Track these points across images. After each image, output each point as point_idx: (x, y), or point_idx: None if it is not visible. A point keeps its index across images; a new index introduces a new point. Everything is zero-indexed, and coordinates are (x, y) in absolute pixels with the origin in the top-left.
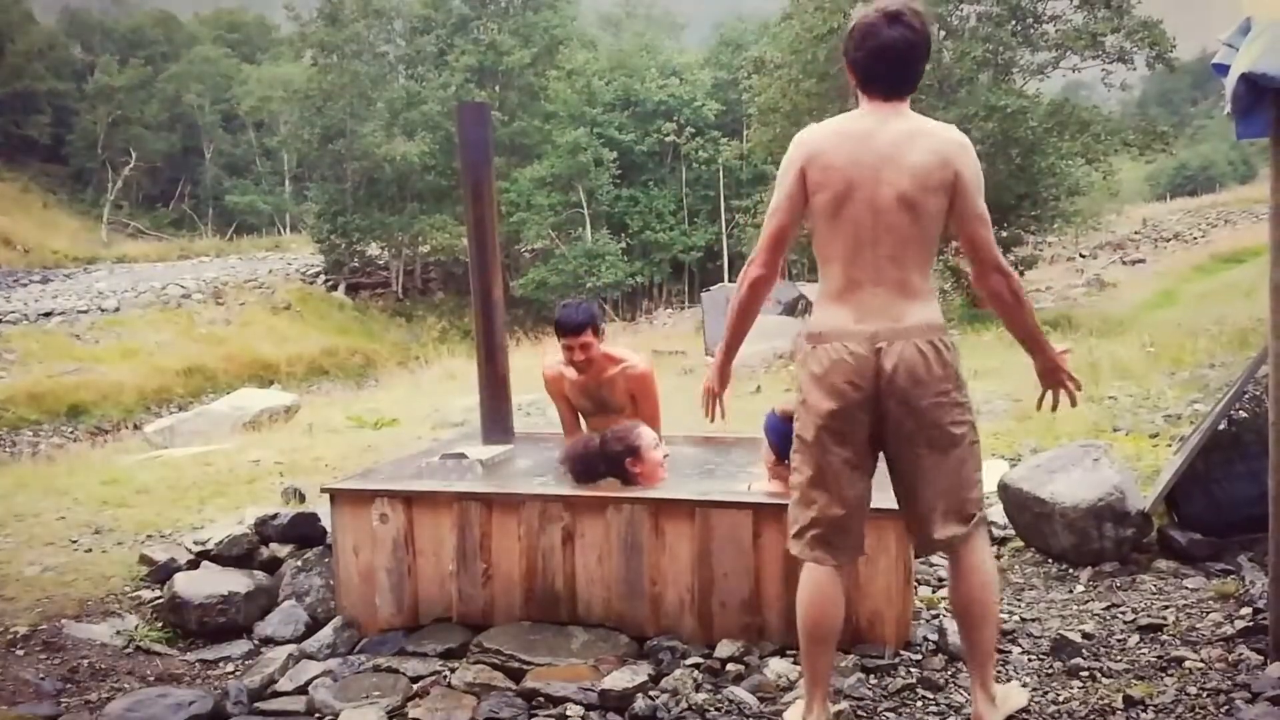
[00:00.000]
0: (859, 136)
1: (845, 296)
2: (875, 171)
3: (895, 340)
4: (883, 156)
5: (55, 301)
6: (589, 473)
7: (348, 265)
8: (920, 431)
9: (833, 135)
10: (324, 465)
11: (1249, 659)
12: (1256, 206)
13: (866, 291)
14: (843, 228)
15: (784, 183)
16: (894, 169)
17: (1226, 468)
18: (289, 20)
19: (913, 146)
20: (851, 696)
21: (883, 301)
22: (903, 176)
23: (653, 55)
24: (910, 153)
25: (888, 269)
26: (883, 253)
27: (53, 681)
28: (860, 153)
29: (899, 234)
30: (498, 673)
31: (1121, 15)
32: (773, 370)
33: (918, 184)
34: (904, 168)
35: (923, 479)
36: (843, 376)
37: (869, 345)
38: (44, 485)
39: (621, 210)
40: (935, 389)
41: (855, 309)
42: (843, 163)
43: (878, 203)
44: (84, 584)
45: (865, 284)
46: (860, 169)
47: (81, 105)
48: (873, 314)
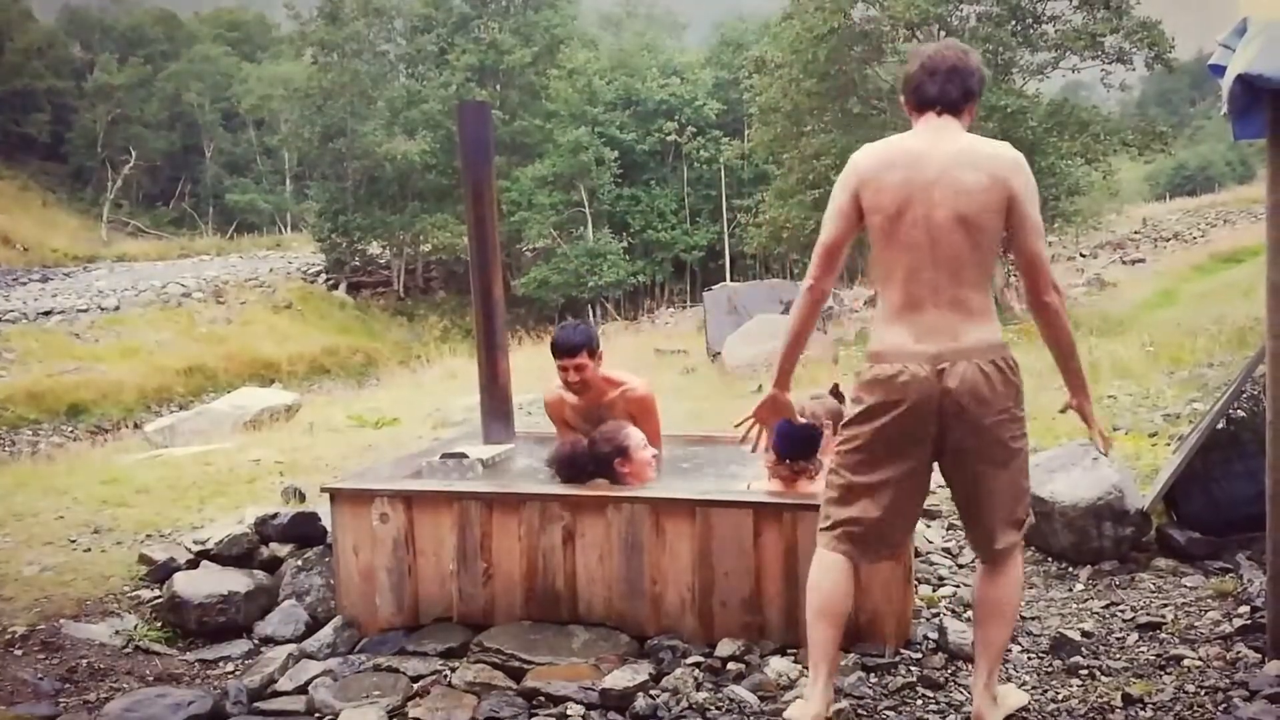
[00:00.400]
0: (912, 157)
1: (905, 316)
2: (928, 193)
3: (958, 360)
4: (936, 177)
5: (55, 300)
6: (577, 473)
7: (349, 264)
8: (982, 449)
9: (886, 156)
10: (324, 465)
11: (1247, 657)
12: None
13: (927, 311)
14: (900, 248)
15: (837, 199)
16: (947, 189)
17: (1225, 467)
18: (289, 19)
19: (965, 166)
20: (852, 695)
21: (943, 321)
22: (957, 197)
23: (654, 55)
24: (963, 173)
25: (946, 288)
26: (941, 272)
27: (51, 681)
28: (913, 174)
29: (956, 253)
30: (498, 672)
31: (1120, 16)
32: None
33: (972, 204)
34: (957, 188)
35: (984, 494)
36: (903, 395)
37: (931, 365)
38: (43, 484)
39: (623, 209)
40: (998, 407)
41: (915, 328)
42: (896, 184)
43: (933, 223)
44: (83, 583)
45: (925, 303)
46: (913, 189)
47: (81, 103)
48: (933, 333)
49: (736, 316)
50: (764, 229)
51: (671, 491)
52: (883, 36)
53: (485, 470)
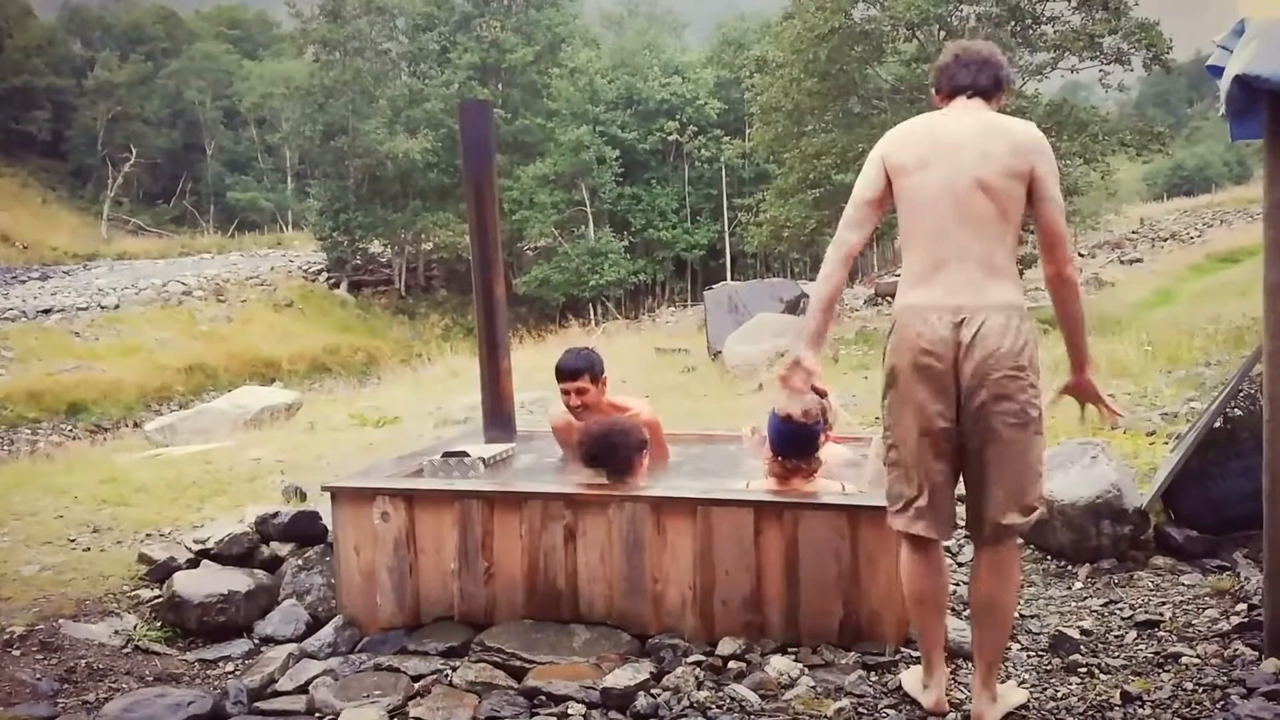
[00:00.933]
0: (938, 127)
1: (932, 276)
2: (955, 156)
3: (977, 313)
4: (960, 144)
5: (54, 299)
6: (606, 456)
7: (350, 262)
8: (992, 403)
9: (915, 126)
10: (325, 463)
11: (1244, 654)
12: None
13: (952, 270)
14: (926, 209)
15: (867, 171)
16: (973, 154)
17: (1222, 465)
18: (290, 16)
19: (991, 136)
20: (852, 694)
21: (968, 278)
22: (983, 162)
23: (655, 54)
24: (988, 141)
25: (972, 247)
26: (966, 232)
27: (50, 682)
28: (940, 141)
29: (980, 215)
30: (499, 671)
31: (1119, 17)
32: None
33: (997, 170)
34: (981, 155)
35: (993, 458)
36: (924, 348)
37: (952, 317)
38: (42, 483)
39: (624, 208)
40: (1010, 363)
41: (941, 286)
42: (924, 148)
43: (958, 185)
44: (82, 583)
45: (950, 262)
46: (940, 152)
47: (81, 101)
48: (958, 289)
49: (737, 315)
50: (765, 228)
51: (672, 490)
52: (883, 36)
53: (486, 469)
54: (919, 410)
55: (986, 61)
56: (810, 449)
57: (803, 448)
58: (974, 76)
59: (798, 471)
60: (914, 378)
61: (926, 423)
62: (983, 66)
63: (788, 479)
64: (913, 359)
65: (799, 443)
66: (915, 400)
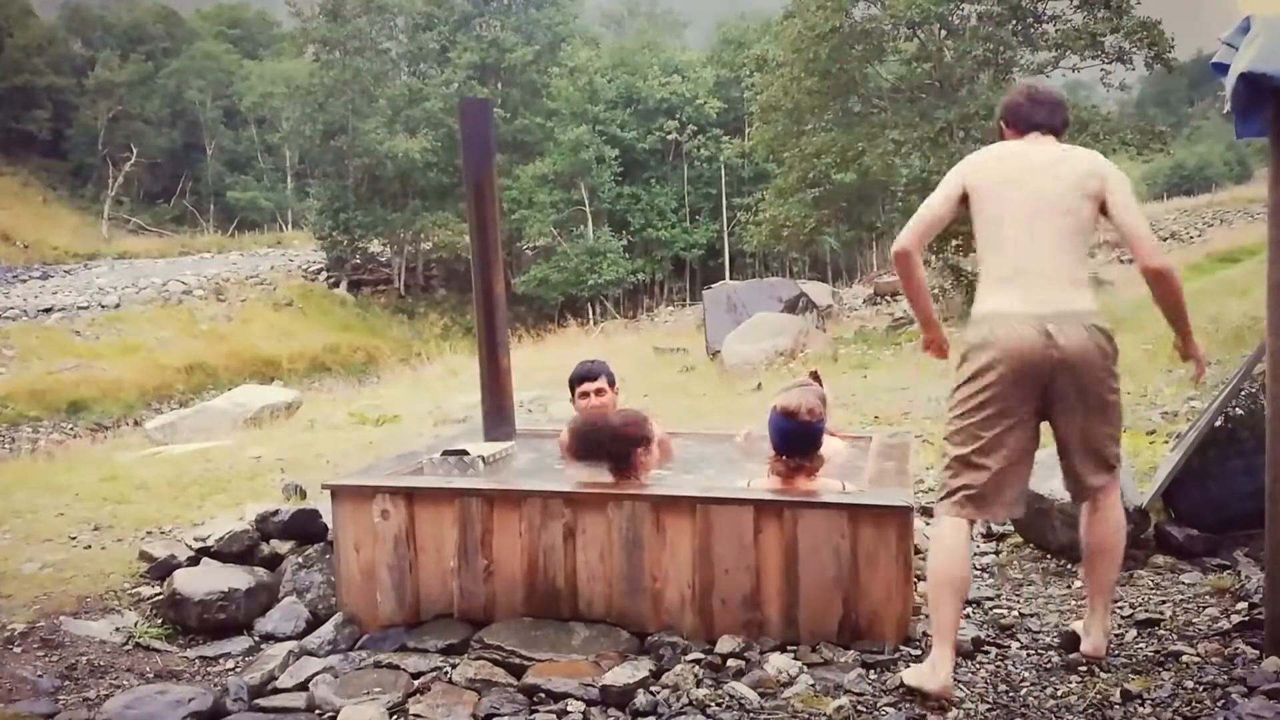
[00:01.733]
0: (1017, 155)
1: (1011, 282)
2: (1034, 179)
3: (1065, 323)
4: (1039, 168)
5: (55, 298)
6: (595, 451)
7: (350, 262)
8: (1083, 402)
9: (995, 154)
10: (325, 462)
11: (1245, 653)
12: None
13: (1032, 278)
14: (1008, 225)
15: (946, 185)
16: (1049, 179)
17: (1223, 464)
18: (290, 16)
19: (1063, 163)
20: (851, 692)
21: (1047, 287)
22: (1056, 184)
23: (655, 53)
24: (1061, 168)
25: (1051, 259)
26: (1043, 245)
27: (51, 679)
28: (1021, 165)
29: (1057, 229)
30: (499, 669)
31: (1121, 15)
32: (774, 368)
33: (1070, 189)
34: (1056, 179)
35: (1085, 440)
36: (1012, 354)
37: (1037, 325)
38: (43, 481)
39: (623, 208)
40: (1101, 367)
41: (1021, 293)
42: (1006, 170)
43: (1037, 205)
44: (83, 581)
45: (1029, 272)
46: (1021, 176)
47: (82, 100)
48: (1038, 298)
49: (736, 315)
50: (764, 227)
51: (672, 489)
52: (884, 35)
53: (486, 467)
54: (1002, 409)
55: (1059, 104)
56: (813, 447)
57: (806, 446)
58: (1048, 116)
59: (800, 470)
60: (1003, 379)
61: (1007, 419)
62: (1054, 109)
63: (790, 478)
64: (1004, 363)
65: (802, 441)
66: (999, 399)
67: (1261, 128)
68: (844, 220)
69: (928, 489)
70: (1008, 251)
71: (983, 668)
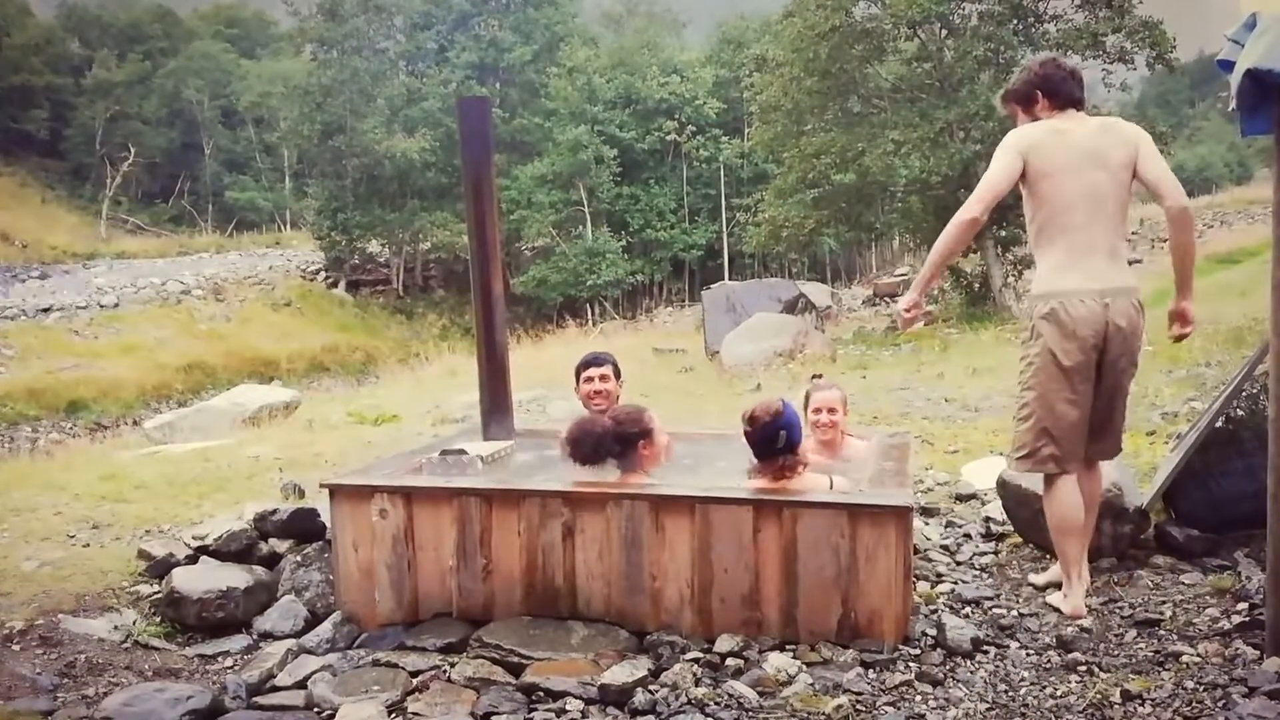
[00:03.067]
0: (1065, 134)
1: (1075, 261)
2: (1083, 161)
3: (1118, 298)
4: (1087, 149)
5: (54, 297)
6: (598, 452)
7: (348, 262)
8: (1127, 369)
9: (1046, 133)
10: (324, 461)
11: (1245, 654)
12: (1252, 208)
13: (1092, 257)
14: (1067, 209)
15: (1004, 159)
16: (1097, 158)
17: (1224, 464)
18: (288, 15)
19: (1106, 138)
20: (851, 691)
21: (1103, 265)
22: (1105, 165)
23: (654, 53)
24: (1106, 145)
25: (1103, 238)
26: (1098, 225)
27: (49, 676)
28: (1069, 147)
29: (1107, 210)
30: (497, 667)
31: (1122, 15)
32: (773, 368)
33: (1115, 167)
34: (1103, 160)
35: (1119, 402)
36: (1081, 326)
37: (1099, 301)
38: (42, 480)
39: (622, 208)
40: (1138, 333)
41: (1084, 271)
42: (1059, 156)
43: (1090, 187)
44: (82, 579)
45: (1088, 250)
46: (1070, 158)
47: (80, 100)
48: (1098, 275)
49: (735, 315)
50: (763, 228)
51: (671, 488)
52: (884, 35)
53: (485, 467)
54: (1070, 374)
55: (1081, 79)
56: (786, 442)
57: (772, 445)
58: (1083, 92)
59: (783, 471)
60: (1072, 350)
61: (1074, 383)
62: (1081, 83)
63: (776, 479)
64: (1070, 334)
65: (769, 441)
66: (1069, 367)
67: (1267, 125)
68: (843, 221)
69: (927, 489)
70: (1071, 236)
71: (982, 667)
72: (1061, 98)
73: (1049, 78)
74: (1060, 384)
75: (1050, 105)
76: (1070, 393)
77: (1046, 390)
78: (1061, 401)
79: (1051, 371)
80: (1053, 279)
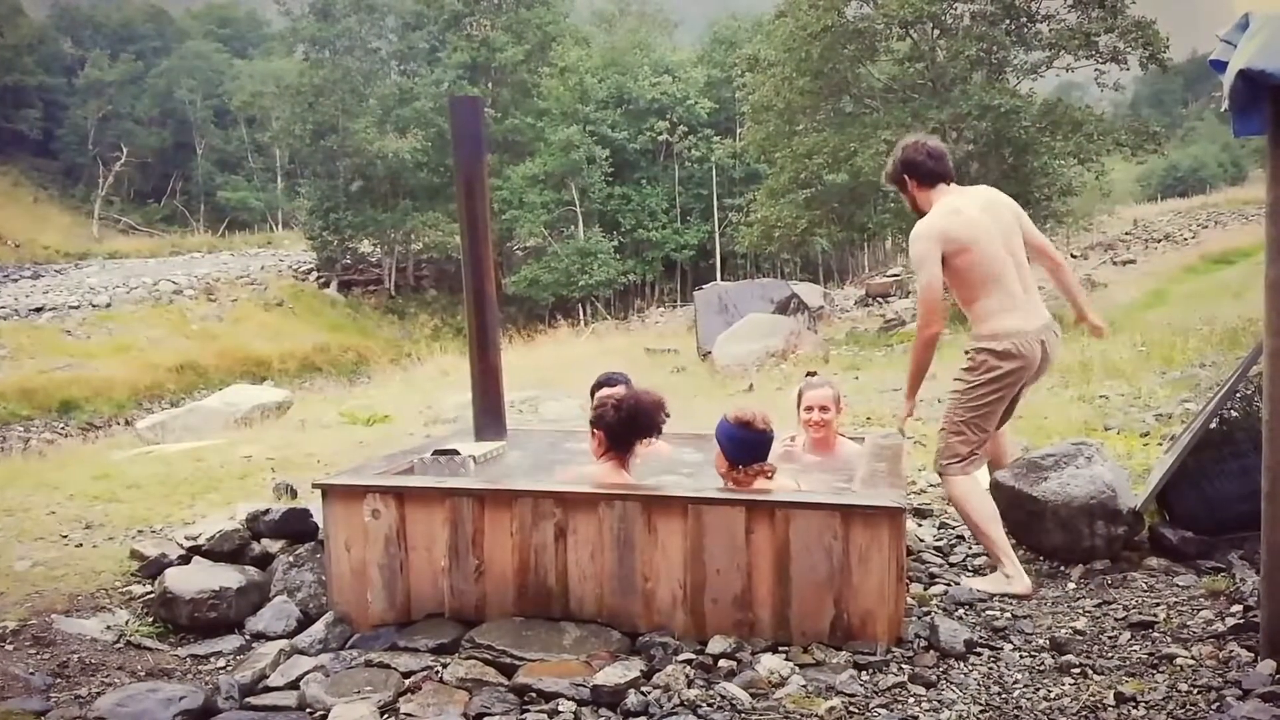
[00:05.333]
0: (962, 212)
1: (1016, 306)
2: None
3: (1047, 331)
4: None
5: (46, 297)
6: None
7: (340, 262)
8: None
9: (946, 219)
10: (316, 461)
11: (1240, 656)
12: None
13: (1026, 300)
14: (992, 267)
15: (932, 260)
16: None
17: (1218, 466)
18: (280, 15)
19: (994, 207)
20: (843, 693)
21: (1034, 307)
22: (1006, 228)
23: (646, 53)
24: (997, 211)
25: (1025, 285)
26: (1022, 274)
27: (42, 676)
28: (972, 223)
29: (1020, 261)
30: (490, 668)
31: (1115, 15)
32: (765, 369)
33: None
34: (1002, 221)
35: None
36: (1030, 360)
37: (1038, 337)
38: (35, 480)
39: (614, 208)
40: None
41: (1024, 314)
42: (967, 231)
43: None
44: (74, 579)
45: (1021, 295)
46: (978, 231)
47: (72, 100)
48: (1035, 315)
49: (727, 316)
50: (755, 228)
51: (663, 489)
52: (876, 35)
53: (477, 467)
54: (1009, 396)
55: (943, 154)
56: (763, 455)
57: (757, 454)
58: (947, 167)
59: (758, 476)
60: (1016, 379)
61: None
62: (944, 159)
63: (744, 484)
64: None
65: (754, 449)
66: (1009, 392)
67: (1260, 125)
68: (836, 221)
69: (920, 490)
70: (1003, 287)
71: (975, 669)
72: (927, 177)
73: (909, 161)
74: (999, 405)
75: (919, 185)
76: (1000, 408)
77: (989, 411)
78: (993, 417)
79: (997, 395)
80: (1003, 320)
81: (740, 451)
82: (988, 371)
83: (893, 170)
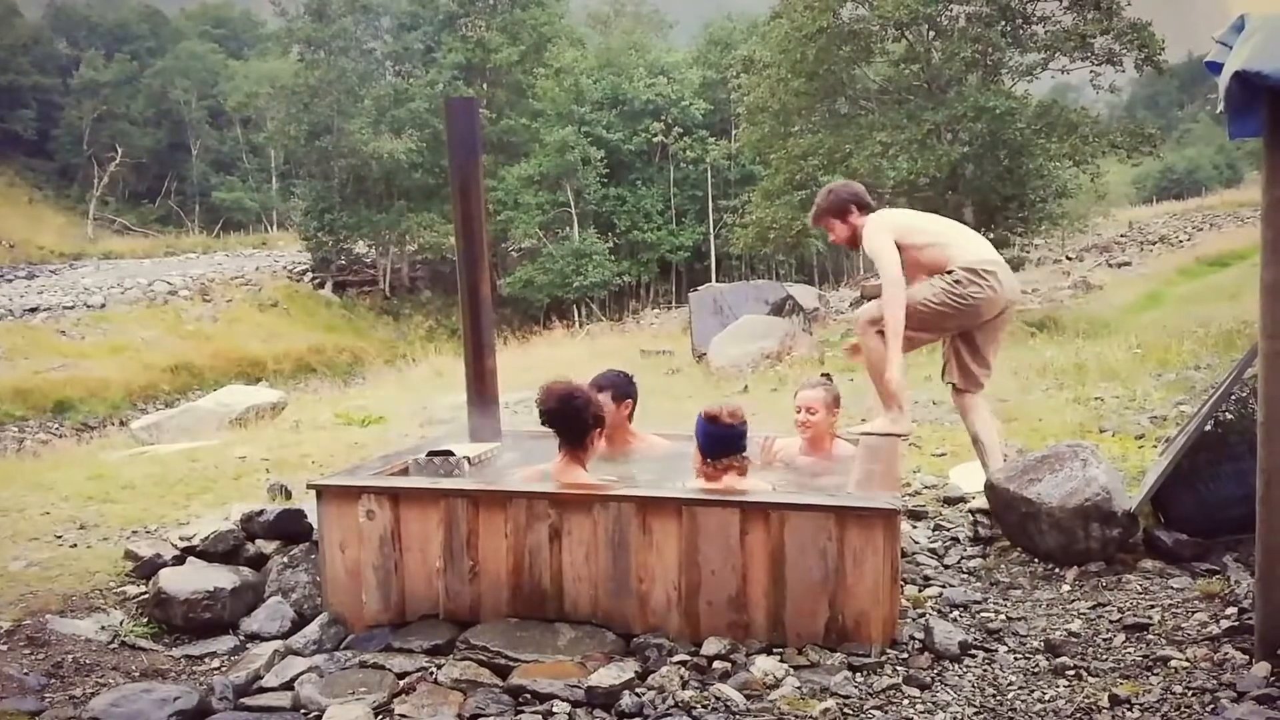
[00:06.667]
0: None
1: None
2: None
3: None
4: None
5: (41, 297)
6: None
7: (335, 263)
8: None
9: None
10: (311, 462)
11: (1234, 658)
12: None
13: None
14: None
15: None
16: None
17: (1213, 468)
18: (275, 16)
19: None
20: (838, 694)
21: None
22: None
23: (641, 54)
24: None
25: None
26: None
27: (37, 677)
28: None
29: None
30: (484, 669)
31: (1111, 17)
32: (760, 370)
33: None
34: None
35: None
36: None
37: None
38: (29, 481)
39: (609, 209)
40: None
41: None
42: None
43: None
44: (69, 579)
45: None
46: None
47: (67, 100)
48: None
49: (722, 317)
50: (750, 229)
51: (658, 490)
52: (871, 36)
53: (472, 468)
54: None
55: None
56: (738, 448)
57: (730, 448)
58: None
59: (729, 470)
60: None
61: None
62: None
63: (718, 478)
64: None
65: (727, 443)
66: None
67: (1255, 127)
68: None
69: (914, 491)
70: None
71: (970, 671)
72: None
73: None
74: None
75: (861, 211)
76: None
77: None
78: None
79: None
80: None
81: (710, 445)
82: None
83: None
